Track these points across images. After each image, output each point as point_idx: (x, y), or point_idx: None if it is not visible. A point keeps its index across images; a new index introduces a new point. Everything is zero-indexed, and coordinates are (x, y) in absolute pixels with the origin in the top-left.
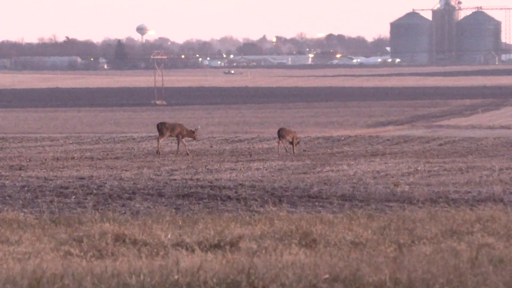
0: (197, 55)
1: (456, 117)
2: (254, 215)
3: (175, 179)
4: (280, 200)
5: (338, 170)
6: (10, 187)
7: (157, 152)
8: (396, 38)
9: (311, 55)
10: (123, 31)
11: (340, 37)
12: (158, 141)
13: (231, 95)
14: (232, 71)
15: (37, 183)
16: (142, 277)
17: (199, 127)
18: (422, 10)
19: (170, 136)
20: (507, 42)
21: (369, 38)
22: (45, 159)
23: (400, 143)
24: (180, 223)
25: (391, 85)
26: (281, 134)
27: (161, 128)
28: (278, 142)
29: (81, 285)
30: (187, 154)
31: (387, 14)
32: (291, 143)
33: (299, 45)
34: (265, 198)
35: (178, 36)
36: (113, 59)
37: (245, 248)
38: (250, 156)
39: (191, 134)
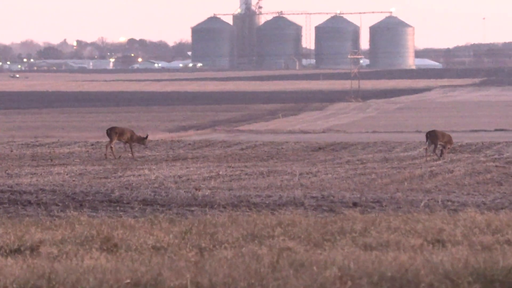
0: None
1: (257, 121)
2: (55, 219)
3: None
4: (81, 205)
5: (139, 175)
6: None
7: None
8: (198, 42)
9: (112, 60)
10: None
11: (141, 42)
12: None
13: (31, 100)
14: (17, 75)
15: None
16: None
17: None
18: (224, 14)
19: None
20: (308, 47)
21: (171, 43)
22: None
23: (202, 147)
24: None
25: (192, 89)
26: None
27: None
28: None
29: None
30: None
31: (188, 18)
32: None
33: (100, 49)
34: (66, 203)
35: None
36: None
37: (46, 253)
38: (51, 160)
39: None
